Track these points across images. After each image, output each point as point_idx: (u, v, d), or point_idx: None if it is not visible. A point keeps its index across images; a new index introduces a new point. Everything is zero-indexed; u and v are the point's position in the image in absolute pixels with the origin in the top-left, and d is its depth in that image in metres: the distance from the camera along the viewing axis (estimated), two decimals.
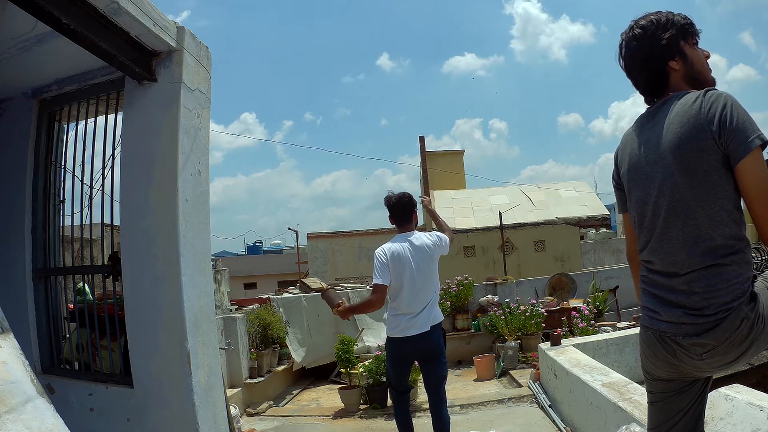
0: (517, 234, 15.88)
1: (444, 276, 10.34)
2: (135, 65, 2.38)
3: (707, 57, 1.60)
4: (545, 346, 5.05)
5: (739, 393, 2.51)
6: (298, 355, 6.68)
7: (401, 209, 3.49)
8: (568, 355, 4.43)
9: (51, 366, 2.84)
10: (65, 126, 3.03)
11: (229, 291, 7.80)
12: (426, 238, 3.47)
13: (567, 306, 7.67)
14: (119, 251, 2.59)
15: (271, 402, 5.84)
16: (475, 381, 6.53)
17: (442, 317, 3.44)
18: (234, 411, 4.05)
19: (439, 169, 19.25)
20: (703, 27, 1.56)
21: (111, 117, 2.79)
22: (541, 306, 7.48)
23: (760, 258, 9.58)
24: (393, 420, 4.94)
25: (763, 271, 1.53)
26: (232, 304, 7.44)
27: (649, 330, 1.56)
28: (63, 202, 3.00)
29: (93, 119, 2.84)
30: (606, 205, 17.78)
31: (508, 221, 15.57)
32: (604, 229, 19.21)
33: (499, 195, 18.58)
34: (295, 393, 6.46)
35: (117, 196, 2.59)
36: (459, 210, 17.72)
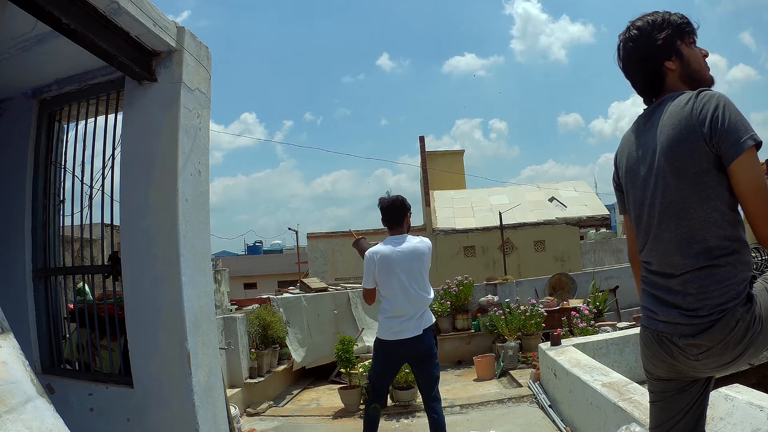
0: (517, 234, 15.88)
1: (444, 276, 10.39)
2: (135, 65, 2.38)
3: (705, 56, 1.58)
4: (545, 346, 5.05)
5: (739, 393, 2.52)
6: (298, 355, 6.68)
7: (393, 212, 3.50)
8: (568, 355, 4.43)
9: (51, 366, 2.84)
10: (65, 126, 3.03)
11: (229, 291, 7.80)
12: (419, 242, 3.46)
13: (567, 306, 7.67)
14: (119, 251, 2.59)
15: (271, 402, 5.84)
16: (475, 381, 6.53)
17: (433, 320, 3.44)
18: (234, 411, 4.05)
19: (439, 169, 19.25)
20: (703, 27, 1.56)
21: (111, 117, 2.79)
22: (541, 306, 7.48)
23: (760, 258, 9.58)
24: (393, 420, 4.96)
25: (764, 272, 1.51)
26: (232, 304, 7.43)
27: (648, 330, 1.57)
28: (63, 202, 3.00)
29: (93, 119, 2.84)
30: (606, 205, 17.79)
31: (508, 221, 15.58)
32: (604, 229, 19.22)
33: (499, 195, 18.58)
34: (295, 393, 6.46)
35: (117, 196, 2.59)
36: (459, 210, 17.72)
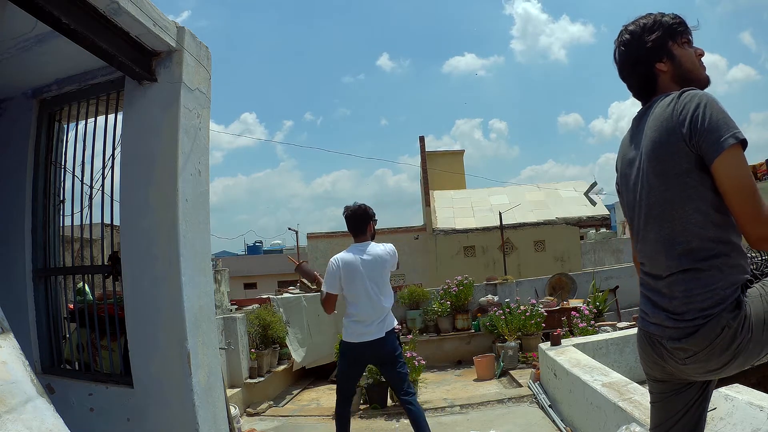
0: (517, 234, 15.88)
1: (444, 276, 10.40)
2: (135, 65, 2.38)
3: (701, 55, 1.56)
4: (545, 346, 5.05)
5: (739, 393, 2.52)
6: (298, 355, 6.68)
7: (355, 221, 3.62)
8: (568, 355, 4.43)
9: (51, 366, 2.84)
10: (65, 126, 3.03)
11: (229, 291, 7.79)
12: (380, 248, 3.58)
13: (567, 306, 7.67)
14: (119, 251, 2.59)
15: (271, 402, 5.84)
16: (475, 381, 6.53)
17: (395, 323, 3.57)
18: (234, 411, 4.05)
19: (439, 169, 19.24)
20: (703, 27, 1.55)
21: (111, 117, 2.79)
22: (541, 306, 7.48)
23: (760, 258, 9.56)
24: (393, 420, 4.96)
25: (765, 273, 1.49)
26: (232, 304, 7.42)
27: (641, 331, 1.57)
28: (63, 202, 3.00)
29: (93, 119, 2.84)
30: (606, 205, 17.78)
31: (508, 221, 15.58)
32: (604, 229, 19.22)
33: (499, 195, 18.58)
34: (295, 393, 6.46)
35: (117, 196, 2.59)
36: (459, 210, 17.72)
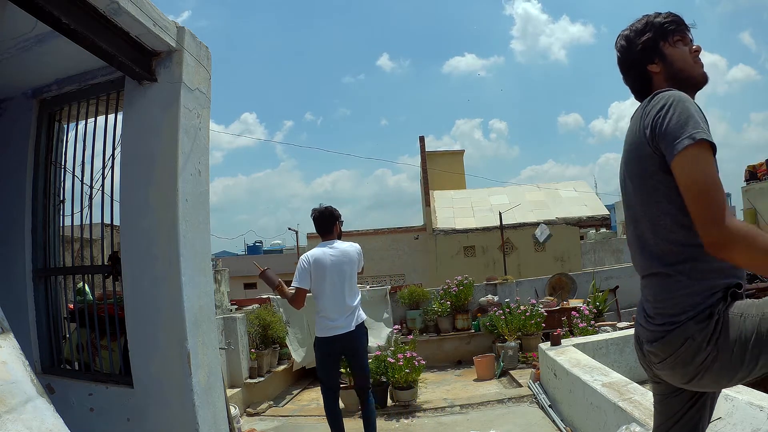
0: (517, 234, 15.88)
1: (444, 276, 10.40)
2: (135, 65, 2.38)
3: (696, 51, 1.52)
4: (545, 346, 5.05)
5: (739, 393, 2.52)
6: (298, 355, 6.68)
7: (322, 222, 3.82)
8: (568, 355, 4.43)
9: (51, 366, 2.84)
10: (65, 126, 3.03)
11: (229, 291, 7.78)
12: (348, 246, 3.79)
13: (567, 306, 7.66)
14: (119, 251, 2.59)
15: (271, 402, 5.84)
16: (475, 381, 6.53)
17: (364, 317, 3.79)
18: (234, 411, 4.05)
19: (439, 169, 19.24)
20: (703, 27, 1.56)
21: (111, 117, 2.79)
22: (541, 306, 7.48)
23: None
24: (393, 420, 4.96)
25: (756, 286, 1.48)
26: (232, 304, 7.42)
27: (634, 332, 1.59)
28: (63, 202, 2.99)
29: (93, 119, 2.84)
30: (606, 205, 17.78)
31: (508, 221, 15.58)
32: (604, 229, 19.22)
33: (499, 195, 18.58)
34: (295, 393, 6.46)
35: (117, 196, 2.59)
36: (459, 210, 17.72)
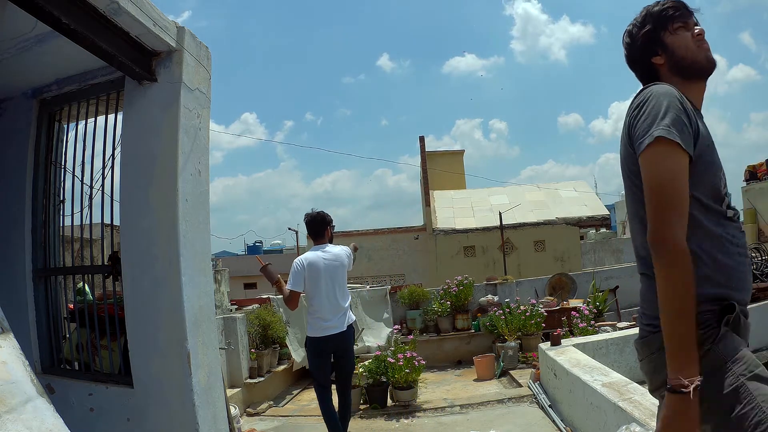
0: (517, 234, 15.88)
1: (444, 276, 10.40)
2: (135, 65, 2.37)
3: (699, 35, 1.40)
4: (545, 346, 5.05)
5: None
6: (298, 355, 6.68)
7: (315, 226, 3.98)
8: (568, 355, 4.43)
9: (51, 366, 2.84)
10: (65, 126, 3.03)
11: (229, 291, 7.78)
12: (339, 250, 3.95)
13: (567, 306, 7.67)
14: (119, 251, 2.59)
15: (271, 402, 5.84)
16: (475, 381, 6.53)
17: (353, 318, 3.98)
18: (234, 411, 4.05)
19: (439, 169, 19.24)
20: (703, 27, 1.51)
21: (111, 117, 2.79)
22: (541, 306, 7.48)
23: (760, 258, 9.52)
24: (393, 420, 4.96)
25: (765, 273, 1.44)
26: (232, 304, 7.42)
27: None
28: (63, 202, 2.99)
29: (93, 119, 2.84)
30: (606, 205, 17.79)
31: (508, 221, 15.57)
32: (604, 229, 19.22)
33: (499, 195, 18.58)
34: (295, 393, 6.46)
35: (117, 196, 2.59)
36: (459, 210, 17.72)
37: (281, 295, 3.91)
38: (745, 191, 16.15)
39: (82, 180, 2.85)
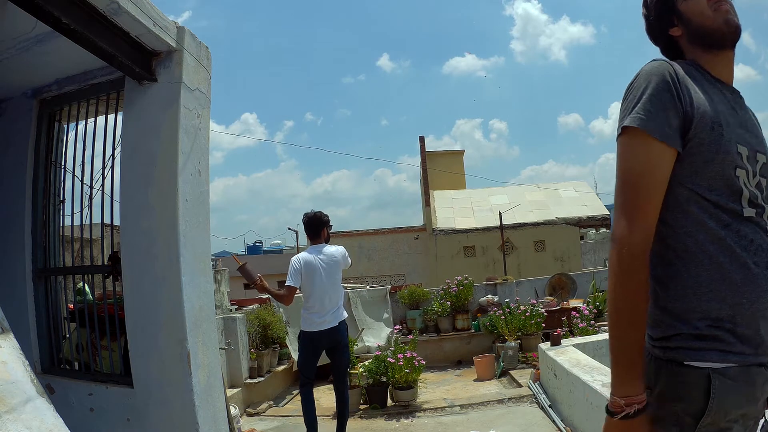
0: (517, 234, 15.88)
1: (444, 276, 10.40)
2: (135, 65, 2.37)
3: None
4: (545, 346, 5.05)
5: None
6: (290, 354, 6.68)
7: (311, 226, 4.15)
8: (568, 355, 4.43)
9: (51, 366, 2.84)
10: (65, 126, 3.03)
11: (229, 291, 7.78)
12: (335, 250, 4.12)
13: (567, 306, 7.66)
14: (119, 251, 2.59)
15: (271, 402, 5.84)
16: (475, 381, 6.53)
17: (345, 315, 4.17)
18: (234, 411, 4.05)
19: (439, 169, 19.25)
20: None
21: (111, 117, 2.79)
22: (541, 306, 7.48)
23: None
24: (393, 420, 4.96)
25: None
26: (232, 304, 7.41)
27: None
28: (63, 202, 2.99)
29: (93, 119, 2.84)
30: (606, 205, 17.78)
31: (508, 221, 15.58)
32: (604, 229, 19.22)
33: (499, 195, 18.58)
34: (295, 393, 6.44)
35: (117, 196, 2.59)
36: (459, 210, 17.73)
37: (266, 295, 4.14)
38: None
39: (82, 180, 2.85)
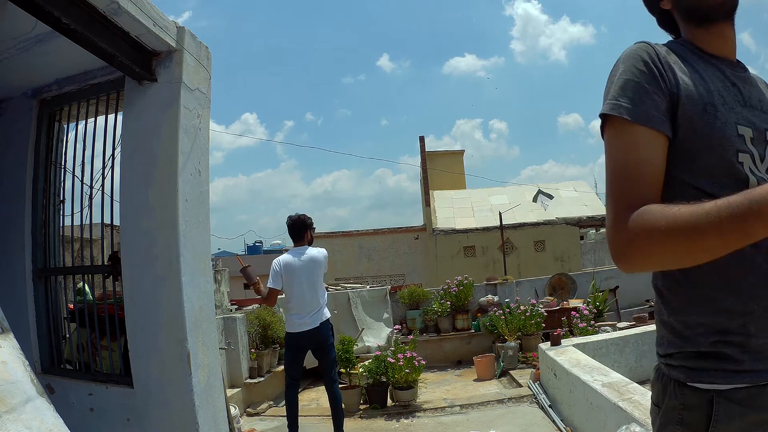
0: (517, 234, 15.88)
1: (444, 276, 10.40)
2: (135, 65, 2.37)
3: None
4: (545, 346, 5.05)
5: None
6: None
7: (295, 229, 4.27)
8: (568, 355, 4.43)
9: (51, 366, 2.84)
10: (65, 126, 3.03)
11: (229, 291, 7.78)
12: (316, 252, 4.24)
13: (567, 306, 7.66)
14: (119, 251, 2.59)
15: (271, 402, 5.84)
16: (475, 381, 6.53)
17: (328, 315, 4.25)
18: (234, 411, 4.05)
19: (439, 169, 19.24)
20: None
21: (111, 117, 2.79)
22: (541, 306, 7.48)
23: None
24: (393, 420, 4.96)
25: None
26: (232, 304, 7.42)
27: None
28: (63, 202, 2.99)
29: (93, 119, 2.84)
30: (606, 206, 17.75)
31: (508, 221, 15.57)
32: (604, 229, 19.22)
33: (499, 195, 18.58)
34: None
35: (117, 196, 2.59)
36: (459, 210, 17.72)
37: (259, 296, 4.24)
38: None
39: (82, 180, 2.85)
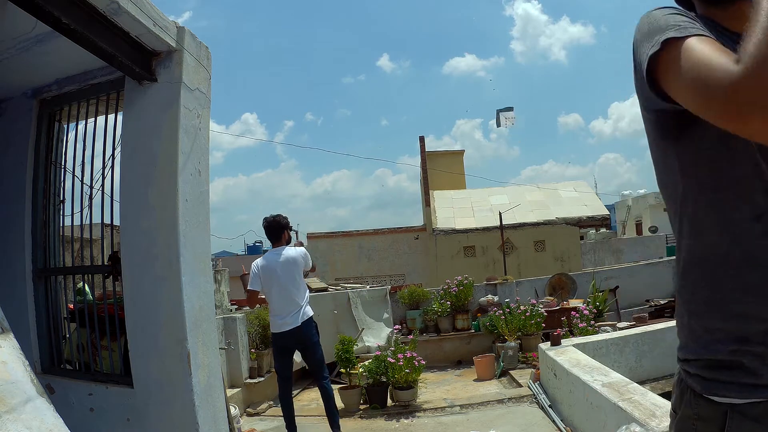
0: (517, 234, 15.87)
1: (444, 276, 10.40)
2: (135, 65, 2.37)
3: None
4: (545, 346, 5.05)
5: None
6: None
7: (271, 230, 4.32)
8: (568, 355, 4.43)
9: (51, 366, 2.84)
10: (65, 126, 3.03)
11: (229, 291, 7.78)
12: (294, 251, 4.27)
13: (567, 306, 7.66)
14: (119, 251, 2.59)
15: (271, 402, 5.84)
16: (475, 381, 6.53)
17: (311, 313, 4.27)
18: (234, 411, 4.05)
19: (439, 169, 19.22)
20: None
21: (111, 117, 2.79)
22: (541, 306, 7.48)
23: None
24: (393, 420, 4.96)
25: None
26: (232, 304, 7.42)
27: None
28: (63, 202, 2.99)
29: (93, 119, 2.84)
30: (606, 205, 17.78)
31: (508, 221, 15.57)
32: (604, 229, 19.21)
33: (499, 195, 18.57)
34: (295, 393, 6.44)
35: (117, 196, 2.59)
36: (459, 210, 17.71)
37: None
38: None
39: (82, 180, 2.85)
